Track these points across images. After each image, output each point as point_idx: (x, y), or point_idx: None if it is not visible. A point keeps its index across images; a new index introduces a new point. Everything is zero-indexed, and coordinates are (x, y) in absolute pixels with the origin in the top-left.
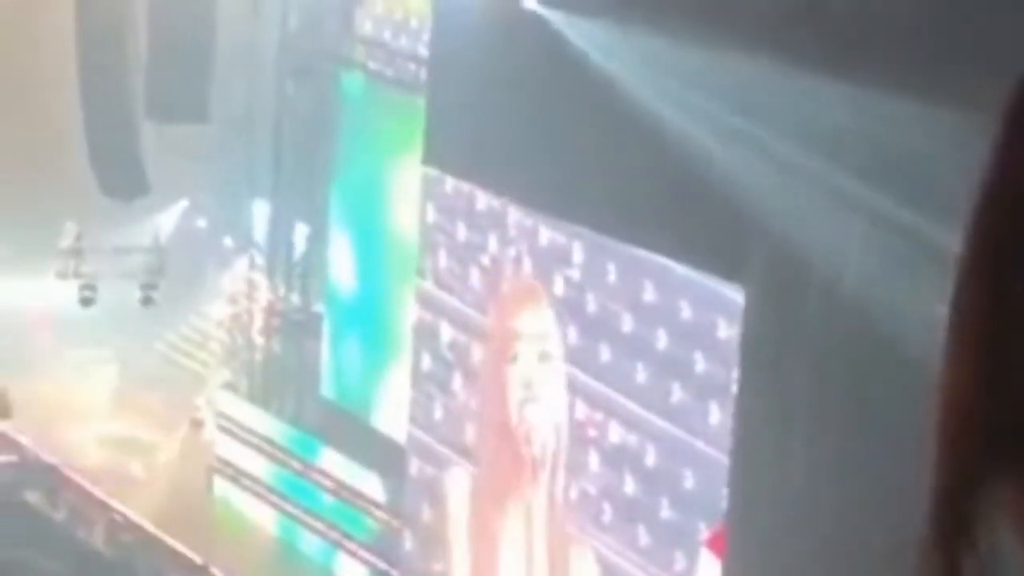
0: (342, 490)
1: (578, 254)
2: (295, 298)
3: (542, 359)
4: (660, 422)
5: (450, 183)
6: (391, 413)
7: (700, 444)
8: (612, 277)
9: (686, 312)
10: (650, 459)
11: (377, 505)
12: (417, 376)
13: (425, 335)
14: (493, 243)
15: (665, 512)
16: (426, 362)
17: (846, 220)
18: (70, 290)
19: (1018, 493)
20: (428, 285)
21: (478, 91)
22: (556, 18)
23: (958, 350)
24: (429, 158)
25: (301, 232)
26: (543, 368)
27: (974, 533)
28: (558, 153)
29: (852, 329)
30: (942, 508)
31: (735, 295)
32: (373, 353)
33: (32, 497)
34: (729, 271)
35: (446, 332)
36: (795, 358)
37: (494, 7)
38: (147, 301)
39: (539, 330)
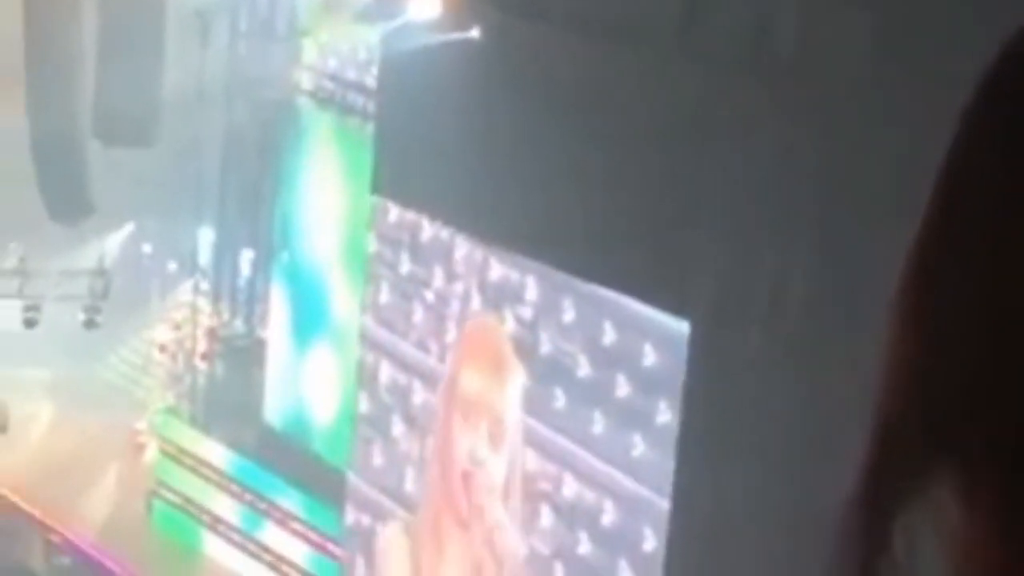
0: (283, 516)
1: (532, 291)
2: (239, 324)
3: (502, 419)
4: (620, 476)
5: (394, 212)
6: (334, 441)
7: (665, 504)
8: (568, 316)
9: (649, 357)
10: (607, 517)
11: (318, 532)
12: (357, 418)
13: (365, 375)
14: (439, 277)
15: (624, 575)
16: (364, 404)
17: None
18: (13, 311)
19: (951, 500)
20: (369, 321)
21: (427, 120)
22: (507, 47)
23: (898, 347)
24: (378, 187)
25: (246, 258)
26: (501, 426)
27: (890, 536)
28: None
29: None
30: (862, 506)
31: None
32: (316, 380)
33: None
34: (676, 305)
35: (386, 373)
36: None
37: (443, 37)
38: (90, 324)
39: (500, 392)
